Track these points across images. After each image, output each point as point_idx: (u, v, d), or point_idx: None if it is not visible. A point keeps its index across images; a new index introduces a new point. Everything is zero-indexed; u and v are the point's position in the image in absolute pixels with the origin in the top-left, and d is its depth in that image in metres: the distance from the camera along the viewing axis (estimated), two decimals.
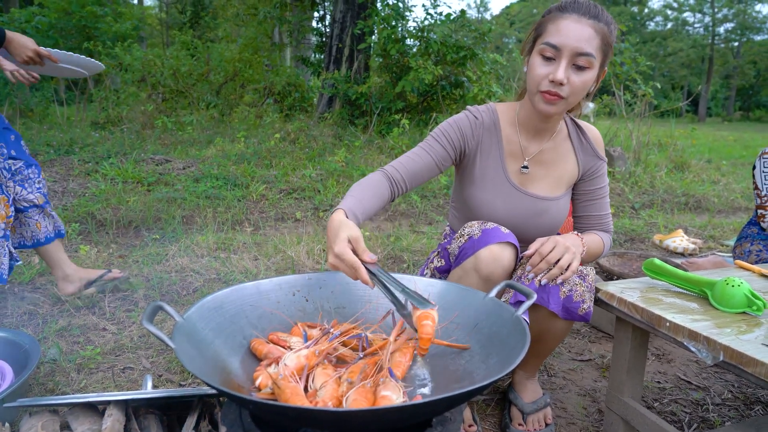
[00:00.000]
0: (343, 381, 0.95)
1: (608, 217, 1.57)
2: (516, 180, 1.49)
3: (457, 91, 6.37)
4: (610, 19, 1.32)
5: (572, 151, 1.52)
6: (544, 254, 1.29)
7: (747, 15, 33.02)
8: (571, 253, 1.29)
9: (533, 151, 1.49)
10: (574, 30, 1.26)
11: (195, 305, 1.05)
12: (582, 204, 1.56)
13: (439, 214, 4.14)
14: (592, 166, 1.53)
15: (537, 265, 1.30)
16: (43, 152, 4.80)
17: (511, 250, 1.34)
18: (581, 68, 1.28)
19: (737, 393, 1.82)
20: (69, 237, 3.10)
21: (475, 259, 1.34)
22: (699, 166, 6.63)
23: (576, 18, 1.27)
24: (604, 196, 1.55)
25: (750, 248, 2.29)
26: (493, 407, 1.67)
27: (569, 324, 1.43)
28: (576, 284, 1.33)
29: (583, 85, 1.30)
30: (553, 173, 1.51)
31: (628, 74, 5.97)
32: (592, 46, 1.26)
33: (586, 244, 1.40)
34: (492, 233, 1.35)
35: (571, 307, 1.33)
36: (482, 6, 45.85)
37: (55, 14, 7.73)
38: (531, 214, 1.49)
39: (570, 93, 1.30)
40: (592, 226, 1.56)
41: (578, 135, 1.53)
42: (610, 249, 1.57)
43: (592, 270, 1.40)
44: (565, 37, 1.26)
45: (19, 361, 1.53)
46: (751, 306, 1.22)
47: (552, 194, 1.51)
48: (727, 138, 12.86)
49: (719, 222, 4.40)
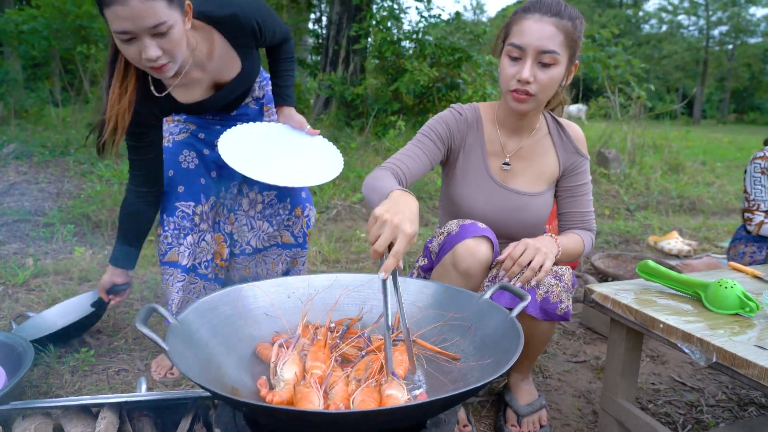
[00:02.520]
0: (351, 380, 0.96)
1: (591, 215, 1.59)
2: (497, 176, 1.54)
3: (453, 93, 6.38)
4: (575, 14, 1.35)
5: (552, 148, 1.56)
6: (515, 257, 1.30)
7: (741, 18, 33.20)
8: (543, 254, 1.30)
9: (513, 148, 1.54)
10: (536, 29, 1.31)
11: (189, 307, 1.05)
12: (564, 201, 1.58)
13: (435, 215, 4.15)
14: (573, 162, 1.55)
15: (510, 269, 1.31)
16: (38, 153, 4.77)
17: (487, 244, 1.36)
18: (546, 65, 1.33)
19: (731, 394, 1.83)
20: (64, 238, 3.09)
21: (452, 255, 1.36)
22: (693, 168, 6.67)
23: (538, 17, 1.32)
24: (586, 193, 1.58)
25: (744, 250, 2.31)
26: (488, 409, 1.67)
27: (551, 324, 1.45)
28: (552, 285, 1.34)
29: (550, 82, 1.35)
30: (533, 169, 1.54)
31: (622, 77, 6.00)
32: (555, 43, 1.31)
33: (562, 244, 1.41)
34: (468, 228, 1.37)
35: (549, 309, 1.34)
36: (478, 8, 45.97)
37: (50, 15, 7.69)
38: (512, 209, 1.52)
39: (538, 90, 1.35)
40: (575, 223, 1.58)
41: (558, 132, 1.56)
42: (593, 247, 1.58)
43: (568, 270, 1.41)
44: (528, 37, 1.32)
45: (12, 364, 1.52)
46: (744, 307, 1.23)
47: (532, 189, 1.54)
48: (721, 140, 12.92)
49: (714, 224, 4.42)
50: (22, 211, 3.50)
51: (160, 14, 1.18)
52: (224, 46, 1.47)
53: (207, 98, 1.55)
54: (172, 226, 1.65)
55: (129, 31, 1.18)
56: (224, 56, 1.49)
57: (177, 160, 1.69)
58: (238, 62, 1.53)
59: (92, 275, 2.57)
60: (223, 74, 1.54)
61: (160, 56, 1.23)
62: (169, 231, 1.65)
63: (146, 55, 1.21)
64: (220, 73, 1.53)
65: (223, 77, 1.54)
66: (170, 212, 1.65)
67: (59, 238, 3.09)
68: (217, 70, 1.51)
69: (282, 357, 1.02)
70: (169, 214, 1.65)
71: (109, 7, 1.16)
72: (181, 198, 1.66)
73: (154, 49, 1.20)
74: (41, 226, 3.25)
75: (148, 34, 1.20)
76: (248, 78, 1.58)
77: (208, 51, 1.46)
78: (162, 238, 1.67)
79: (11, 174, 4.32)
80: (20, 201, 3.75)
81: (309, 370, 1.00)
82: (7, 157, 4.67)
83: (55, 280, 2.50)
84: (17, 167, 4.50)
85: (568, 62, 1.36)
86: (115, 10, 1.15)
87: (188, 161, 1.69)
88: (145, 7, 1.16)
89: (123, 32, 1.18)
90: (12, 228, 3.26)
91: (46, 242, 3.05)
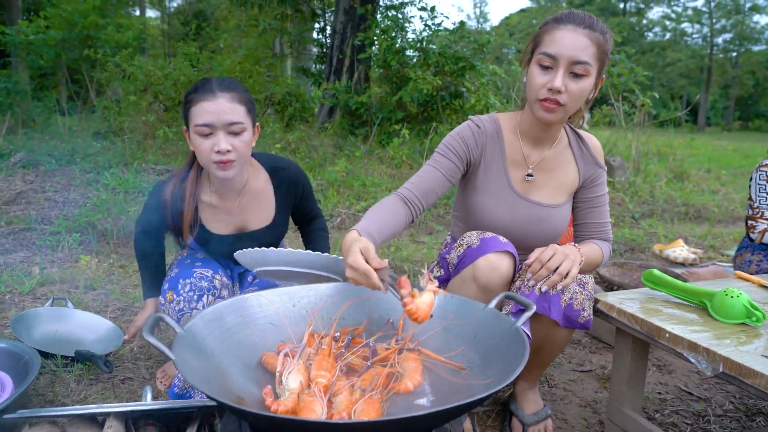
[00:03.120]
0: (356, 389, 0.96)
1: (607, 225, 1.58)
2: (519, 187, 1.52)
3: (457, 102, 6.40)
4: (605, 29, 1.35)
5: (573, 159, 1.55)
6: (544, 261, 1.30)
7: (745, 26, 33.23)
8: (570, 261, 1.30)
9: (535, 159, 1.52)
10: (570, 39, 1.30)
11: (195, 316, 1.05)
12: (582, 212, 1.57)
13: (440, 224, 4.15)
14: (592, 174, 1.55)
15: (537, 272, 1.30)
16: (45, 162, 4.81)
17: (509, 259, 1.35)
18: (578, 76, 1.32)
19: (739, 404, 1.82)
20: (69, 247, 3.10)
21: (473, 269, 1.35)
22: (698, 176, 6.65)
23: (572, 28, 1.31)
24: (603, 204, 1.57)
25: (750, 258, 2.30)
26: (494, 418, 1.67)
27: (569, 332, 1.44)
28: (576, 292, 1.34)
29: (580, 93, 1.34)
30: (554, 181, 1.53)
31: (626, 85, 6.00)
32: (588, 55, 1.30)
33: (584, 254, 1.41)
34: (490, 242, 1.36)
35: (572, 316, 1.33)
36: (482, 17, 46.19)
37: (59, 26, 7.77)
38: (533, 220, 1.51)
39: (568, 100, 1.34)
40: (592, 234, 1.57)
41: (578, 143, 1.56)
42: (610, 258, 1.58)
43: (591, 279, 1.41)
44: (562, 47, 1.31)
45: (18, 372, 1.53)
46: (751, 317, 1.22)
47: (554, 201, 1.53)
48: (726, 148, 12.89)
49: (719, 232, 4.40)
50: (29, 219, 3.53)
51: (239, 115, 1.40)
52: (267, 189, 1.61)
53: (229, 235, 1.58)
54: (188, 287, 1.48)
55: (210, 125, 1.37)
56: (263, 199, 1.60)
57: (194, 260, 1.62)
58: (272, 212, 1.62)
59: (98, 284, 2.58)
60: (254, 215, 1.60)
61: (230, 150, 1.39)
62: (183, 295, 1.48)
63: (218, 147, 1.37)
64: (252, 213, 1.59)
65: (253, 219, 1.60)
66: (186, 275, 1.50)
67: (65, 246, 3.10)
68: (251, 208, 1.59)
69: (287, 366, 1.02)
70: (185, 277, 1.50)
71: (199, 103, 1.38)
72: (200, 267, 1.55)
73: (226, 144, 1.38)
74: (47, 235, 3.27)
75: (225, 131, 1.38)
76: (277, 231, 1.63)
77: (253, 186, 1.59)
78: (173, 304, 1.48)
79: (18, 183, 4.35)
80: (27, 210, 3.77)
81: (314, 379, 1.00)
82: (15, 166, 4.71)
83: (60, 289, 2.51)
84: (24, 176, 4.53)
85: (597, 75, 1.36)
86: (203, 105, 1.37)
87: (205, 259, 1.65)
88: (230, 106, 1.38)
89: (205, 125, 1.37)
90: (18, 236, 3.28)
91: (52, 251, 3.07)
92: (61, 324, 2.02)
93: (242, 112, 1.41)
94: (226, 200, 1.57)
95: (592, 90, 1.38)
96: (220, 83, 1.41)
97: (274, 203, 1.61)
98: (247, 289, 1.67)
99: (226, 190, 1.55)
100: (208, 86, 1.40)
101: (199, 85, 1.42)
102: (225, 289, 1.57)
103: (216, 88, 1.39)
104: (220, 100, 1.38)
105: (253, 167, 1.60)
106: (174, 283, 1.49)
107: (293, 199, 1.65)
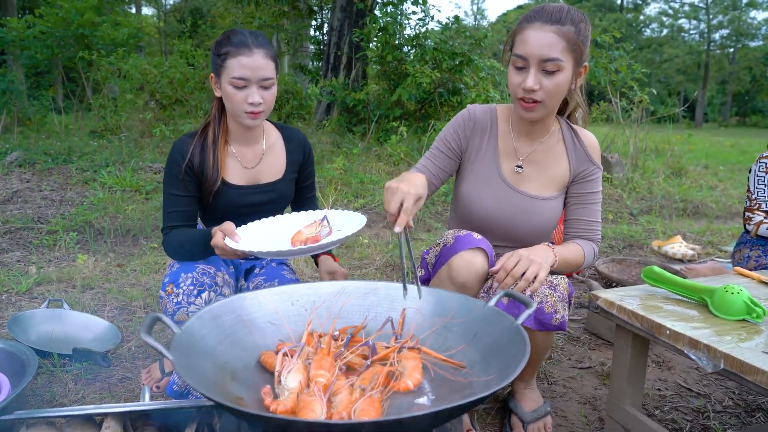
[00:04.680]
0: (356, 388, 0.96)
1: (597, 225, 1.56)
2: (509, 178, 1.54)
3: (455, 98, 6.38)
4: (578, 18, 1.34)
5: (564, 153, 1.55)
6: (509, 269, 1.29)
7: (742, 21, 33.24)
8: (537, 265, 1.29)
9: (526, 151, 1.54)
10: (537, 38, 1.33)
11: (193, 316, 1.04)
12: (572, 207, 1.57)
13: (438, 221, 4.14)
14: (585, 170, 1.54)
15: (503, 281, 1.30)
16: (41, 161, 4.79)
17: (482, 255, 1.37)
18: (551, 72, 1.34)
19: (738, 400, 1.82)
20: (66, 246, 3.09)
21: (448, 267, 1.37)
22: (696, 172, 6.66)
23: (539, 26, 1.33)
24: (595, 202, 1.56)
25: (749, 254, 2.30)
26: (494, 416, 1.66)
27: (547, 334, 1.45)
28: (546, 295, 1.34)
29: (556, 88, 1.35)
30: (544, 173, 1.54)
31: (623, 81, 5.99)
32: (557, 50, 1.32)
33: (560, 254, 1.40)
34: (464, 239, 1.37)
35: (543, 319, 1.33)
36: (479, 14, 46.13)
37: (53, 24, 7.74)
38: (521, 211, 1.52)
39: (545, 97, 1.36)
40: (580, 232, 1.55)
41: (573, 138, 1.56)
42: (595, 259, 1.57)
43: (563, 279, 1.40)
44: (530, 47, 1.33)
45: (16, 372, 1.52)
46: (751, 313, 1.22)
47: (543, 194, 1.53)
48: (723, 143, 12.91)
49: (717, 228, 4.41)
50: (25, 218, 3.51)
51: (271, 71, 1.49)
52: (279, 144, 1.70)
53: (243, 186, 1.62)
54: (189, 281, 1.45)
55: (246, 78, 1.46)
56: (275, 151, 1.68)
57: None
58: (283, 166, 1.69)
59: (95, 283, 2.57)
60: (268, 167, 1.67)
61: (261, 103, 1.49)
62: (183, 288, 1.44)
63: (252, 100, 1.47)
64: (266, 164, 1.66)
65: (266, 171, 1.66)
66: (189, 269, 1.48)
67: (62, 245, 3.09)
68: (266, 159, 1.66)
69: (286, 365, 1.02)
70: (187, 271, 1.47)
71: (236, 57, 1.45)
72: (203, 263, 1.52)
73: (259, 97, 1.48)
74: (44, 234, 3.26)
75: (258, 85, 1.48)
76: (286, 186, 1.70)
77: (268, 139, 1.68)
78: (172, 297, 1.45)
79: (14, 182, 4.33)
80: (23, 209, 3.76)
81: (313, 378, 0.99)
82: (11, 165, 4.69)
83: (57, 288, 2.50)
84: (20, 175, 4.51)
85: (574, 66, 1.36)
86: (240, 59, 1.45)
87: None
88: (265, 62, 1.47)
89: (241, 78, 1.46)
90: (15, 236, 3.26)
91: (48, 250, 3.06)
92: (58, 324, 2.01)
93: (273, 68, 1.51)
94: (245, 149, 1.63)
95: (573, 81, 1.39)
96: (255, 38, 1.49)
97: (284, 158, 1.69)
98: (252, 280, 1.67)
99: (247, 139, 1.62)
100: (243, 40, 1.47)
101: (234, 37, 1.48)
102: (227, 287, 1.55)
103: (252, 43, 1.47)
104: (256, 56, 1.46)
105: (265, 123, 1.69)
106: (175, 276, 1.48)
107: (301, 158, 1.72)
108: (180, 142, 1.57)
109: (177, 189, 1.55)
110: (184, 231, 1.54)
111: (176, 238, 1.52)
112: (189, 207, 1.57)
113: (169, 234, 1.54)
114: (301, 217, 1.52)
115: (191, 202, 1.57)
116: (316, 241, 1.32)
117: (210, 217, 1.66)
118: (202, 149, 1.56)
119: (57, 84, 8.99)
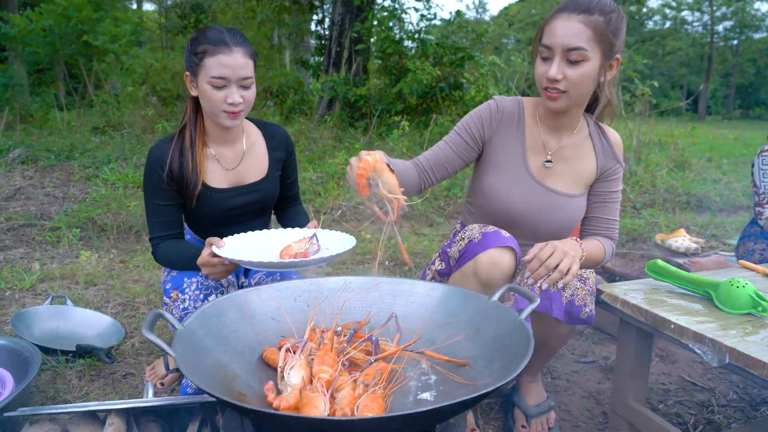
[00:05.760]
0: (359, 384, 0.96)
1: (615, 224, 1.55)
2: (536, 173, 1.51)
3: (456, 93, 6.36)
4: (609, 8, 1.33)
5: (592, 150, 1.53)
6: (542, 259, 1.28)
7: (746, 13, 32.97)
8: (570, 257, 1.28)
9: (554, 146, 1.52)
10: (562, 27, 1.32)
11: (195, 313, 1.04)
12: (593, 205, 1.55)
13: (440, 215, 4.13)
14: (610, 168, 1.53)
15: (536, 271, 1.29)
16: (44, 158, 4.79)
17: (510, 254, 1.34)
18: (575, 62, 1.32)
19: (743, 394, 1.81)
20: (69, 242, 3.09)
21: (474, 264, 1.34)
22: (700, 165, 6.62)
23: (565, 16, 1.32)
24: (615, 201, 1.55)
25: (753, 247, 2.28)
26: (497, 410, 1.66)
27: (571, 327, 1.43)
28: (577, 288, 1.33)
29: (581, 78, 1.33)
30: (572, 170, 1.52)
31: (625, 74, 5.96)
32: (582, 39, 1.30)
33: (586, 249, 1.39)
34: (492, 237, 1.34)
35: (573, 312, 1.32)
36: (481, 7, 45.87)
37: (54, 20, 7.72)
38: (547, 207, 1.50)
39: (569, 87, 1.35)
40: (599, 230, 1.54)
41: (599, 135, 1.55)
42: (612, 257, 1.56)
43: (592, 273, 1.39)
44: (554, 36, 1.33)
45: (19, 369, 1.52)
46: (757, 307, 1.21)
47: (570, 191, 1.51)
48: (727, 136, 12.84)
49: (721, 221, 4.39)
50: (28, 215, 3.52)
51: (250, 70, 1.46)
52: (260, 142, 1.65)
53: (226, 189, 1.57)
54: (194, 286, 1.45)
55: (226, 78, 1.41)
56: (257, 150, 1.64)
57: None
58: (266, 165, 1.64)
59: (98, 279, 2.58)
60: (250, 167, 1.62)
61: (240, 103, 1.44)
62: (189, 293, 1.44)
63: (231, 100, 1.42)
64: (247, 164, 1.61)
65: (248, 171, 1.61)
66: (192, 273, 1.47)
67: (65, 242, 3.09)
68: (247, 159, 1.61)
69: (289, 361, 1.01)
70: (191, 276, 1.47)
71: (215, 56, 1.40)
72: None
73: (238, 96, 1.43)
74: (47, 231, 3.26)
75: (237, 84, 1.43)
76: (271, 185, 1.65)
77: (248, 138, 1.64)
78: (178, 303, 1.44)
79: (17, 178, 4.33)
80: (26, 205, 3.76)
81: (316, 374, 0.99)
82: (13, 162, 4.69)
83: (61, 285, 2.50)
84: (23, 172, 4.52)
85: (601, 58, 1.34)
86: (219, 58, 1.40)
87: None
88: (245, 61, 1.43)
89: (220, 77, 1.41)
90: (18, 232, 3.27)
91: (52, 246, 3.06)
92: (61, 321, 2.01)
93: (252, 66, 1.47)
94: (225, 150, 1.58)
95: (601, 73, 1.36)
96: (233, 36, 1.44)
97: (267, 156, 1.65)
98: (253, 276, 1.66)
99: (225, 139, 1.57)
100: (222, 37, 1.42)
101: (210, 34, 1.42)
102: (232, 288, 1.56)
103: (231, 41, 1.42)
104: (236, 54, 1.41)
105: (245, 121, 1.65)
106: (178, 281, 1.46)
107: (284, 154, 1.68)
108: (156, 148, 1.51)
109: (160, 198, 1.51)
110: (174, 245, 1.51)
111: (166, 253, 1.51)
112: (175, 215, 1.55)
113: (158, 247, 1.52)
114: (291, 233, 1.52)
115: (176, 210, 1.55)
116: (305, 256, 1.33)
117: (196, 222, 1.64)
118: (181, 153, 1.50)
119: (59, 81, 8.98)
